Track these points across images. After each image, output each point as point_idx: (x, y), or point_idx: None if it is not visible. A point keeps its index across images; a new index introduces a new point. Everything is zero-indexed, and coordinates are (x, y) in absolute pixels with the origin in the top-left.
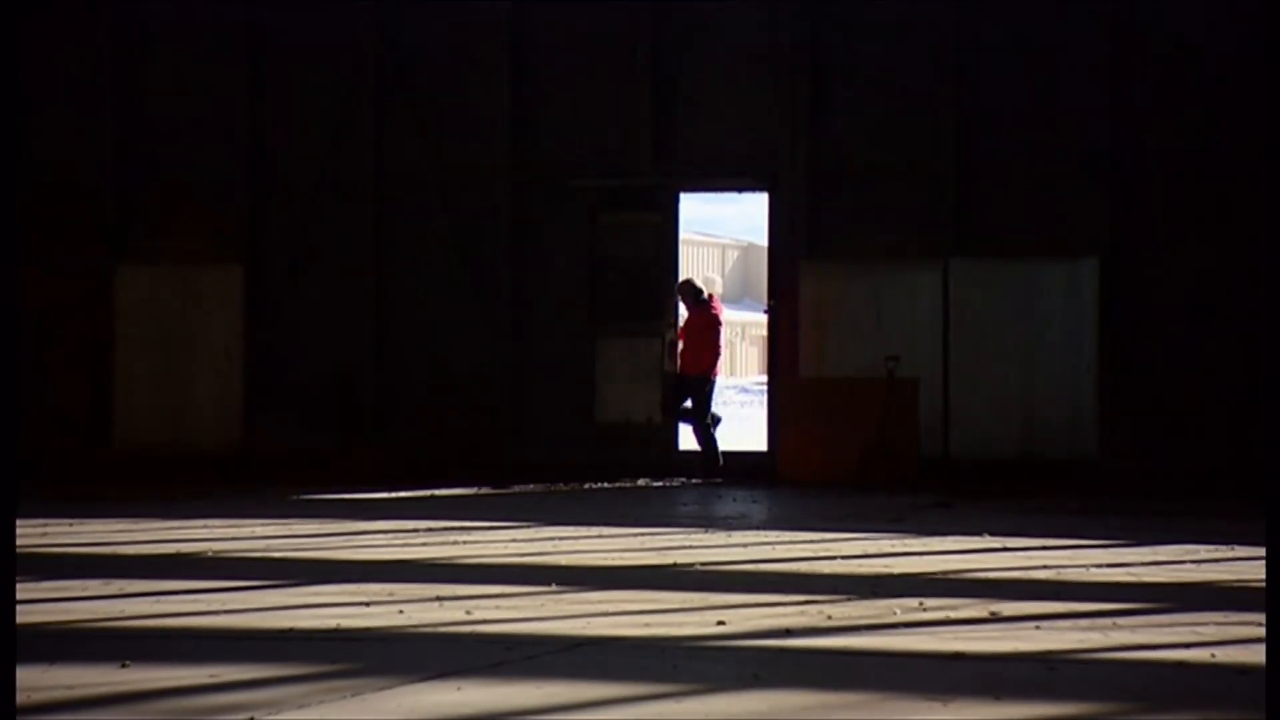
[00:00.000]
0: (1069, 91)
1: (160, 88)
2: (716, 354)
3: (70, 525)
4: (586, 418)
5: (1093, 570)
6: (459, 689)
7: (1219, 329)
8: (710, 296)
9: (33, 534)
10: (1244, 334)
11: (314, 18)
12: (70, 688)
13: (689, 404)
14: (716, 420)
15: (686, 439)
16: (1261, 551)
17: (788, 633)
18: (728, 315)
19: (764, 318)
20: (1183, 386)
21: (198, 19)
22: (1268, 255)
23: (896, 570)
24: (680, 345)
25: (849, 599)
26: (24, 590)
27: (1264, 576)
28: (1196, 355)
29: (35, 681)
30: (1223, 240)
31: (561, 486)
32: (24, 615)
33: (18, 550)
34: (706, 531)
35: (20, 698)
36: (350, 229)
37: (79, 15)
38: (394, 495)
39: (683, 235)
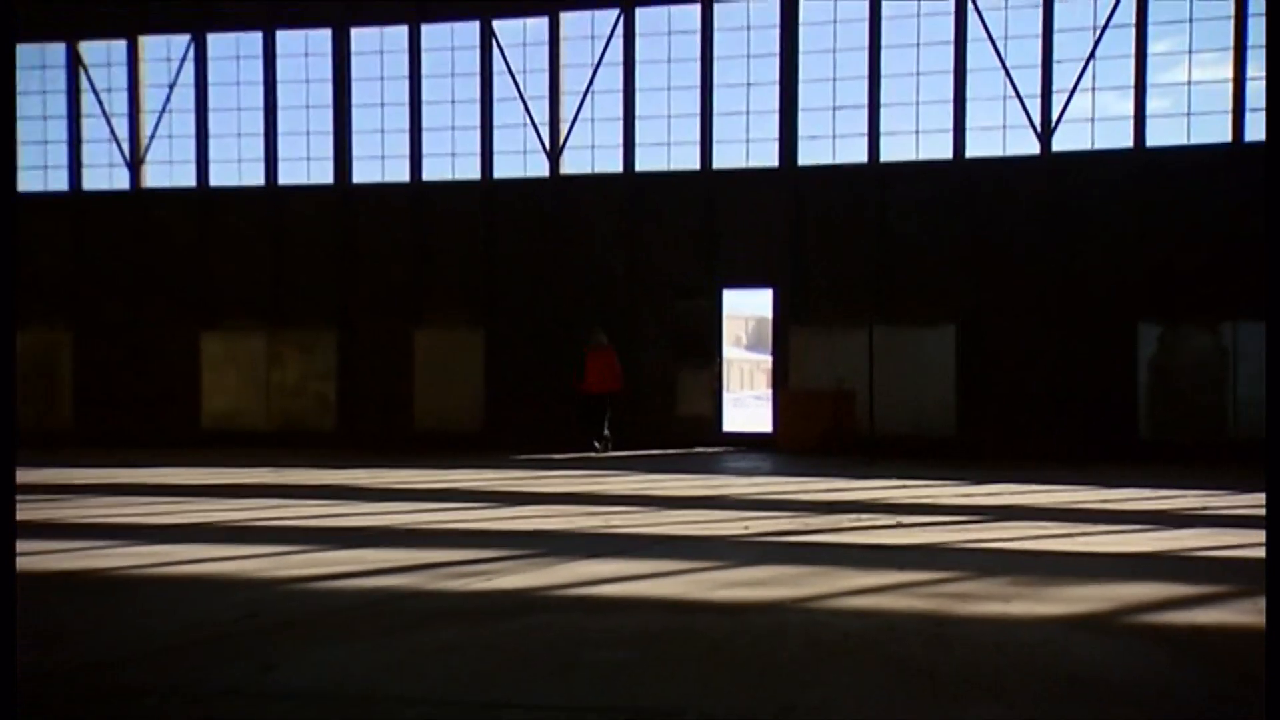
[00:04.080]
0: (943, 235)
1: (441, 238)
2: (611, 380)
3: (386, 473)
4: (670, 413)
5: (955, 498)
6: (599, 562)
7: (1029, 361)
8: (608, 345)
9: (364, 476)
10: (1043, 363)
11: (518, 192)
12: (382, 561)
13: (594, 409)
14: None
15: (731, 423)
16: (1052, 487)
17: (783, 533)
18: (750, 358)
19: (769, 357)
20: (1007, 394)
21: (464, 204)
22: (1267, 257)
23: (843, 498)
24: (588, 374)
25: (816, 514)
26: (354, 507)
27: (1054, 503)
28: (1016, 377)
29: (360, 557)
30: (1029, 315)
31: (657, 453)
32: (352, 520)
33: (353, 486)
34: (737, 477)
35: (347, 568)
36: (541, 310)
37: (388, 202)
38: (565, 456)
39: (724, 313)
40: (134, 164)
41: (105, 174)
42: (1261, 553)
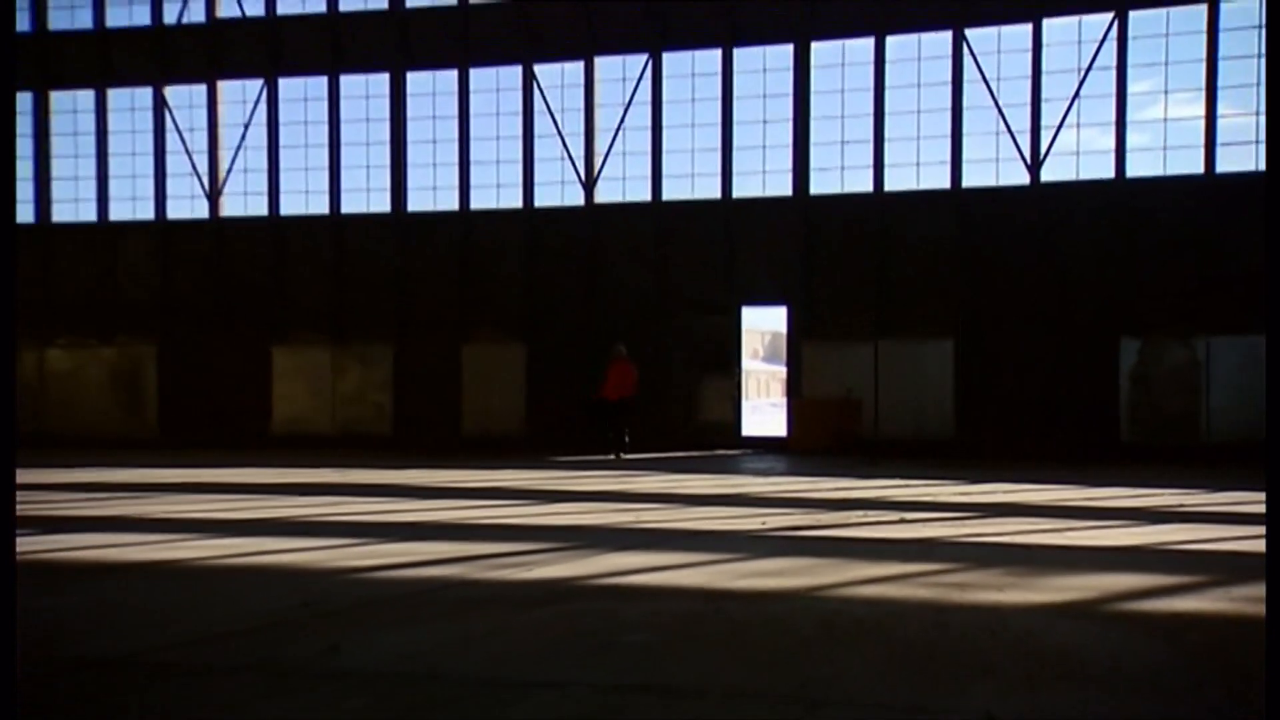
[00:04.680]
0: (941, 258)
1: (487, 260)
2: (628, 388)
3: (437, 473)
4: (694, 419)
5: (952, 496)
6: (630, 554)
7: (1021, 372)
8: (626, 357)
9: (417, 476)
10: (1033, 373)
11: (556, 219)
12: (434, 553)
13: (610, 414)
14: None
15: (749, 428)
16: (1041, 486)
17: (797, 528)
18: (769, 370)
19: (784, 368)
20: (1000, 402)
21: (508, 230)
22: (1266, 258)
23: (850, 496)
24: (608, 382)
25: (827, 511)
26: (408, 503)
27: (1043, 500)
28: (1008, 386)
29: (414, 549)
30: (1020, 330)
31: (681, 455)
32: (406, 516)
33: (407, 484)
34: (755, 477)
35: (403, 559)
36: (577, 326)
37: (437, 239)
38: (599, 458)
39: (743, 328)
40: (212, 195)
41: (187, 204)
42: (1233, 546)
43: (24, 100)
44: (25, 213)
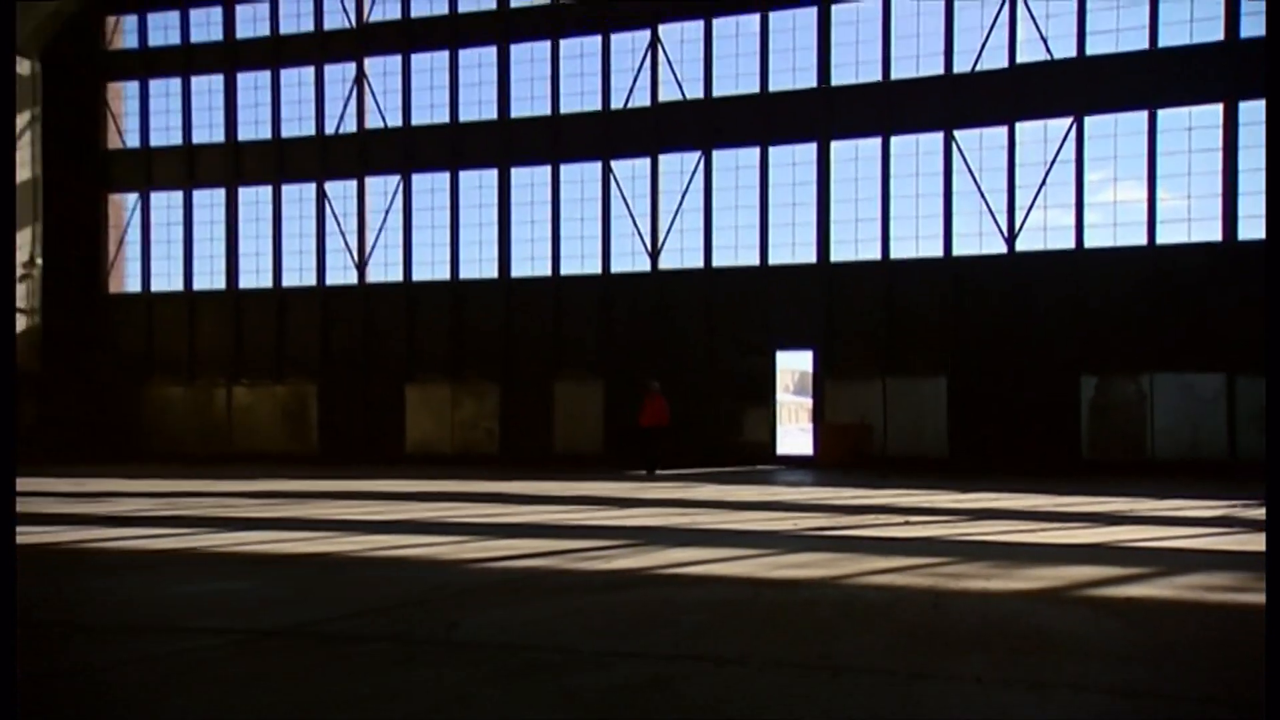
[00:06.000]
0: (936, 311)
1: (573, 314)
2: (661, 417)
3: (534, 484)
4: (738, 440)
5: (947, 503)
6: (687, 550)
7: (1001, 402)
8: (659, 391)
9: (518, 486)
10: (1011, 403)
11: (628, 282)
12: (531, 548)
13: (645, 440)
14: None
15: (782, 448)
16: (1019, 494)
17: (821, 529)
18: (798, 401)
19: (810, 399)
20: (985, 426)
21: (590, 291)
22: (1265, 264)
23: (865, 502)
24: (643, 412)
25: (845, 514)
26: (511, 508)
27: (1021, 506)
28: (991, 414)
29: (516, 545)
30: (1000, 368)
31: (727, 470)
32: (510, 518)
33: (510, 493)
34: (787, 488)
35: (507, 552)
36: (644, 364)
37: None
38: (663, 472)
39: (777, 367)
40: (360, 266)
41: (341, 273)
42: (1175, 543)
43: (218, 194)
44: (219, 281)
